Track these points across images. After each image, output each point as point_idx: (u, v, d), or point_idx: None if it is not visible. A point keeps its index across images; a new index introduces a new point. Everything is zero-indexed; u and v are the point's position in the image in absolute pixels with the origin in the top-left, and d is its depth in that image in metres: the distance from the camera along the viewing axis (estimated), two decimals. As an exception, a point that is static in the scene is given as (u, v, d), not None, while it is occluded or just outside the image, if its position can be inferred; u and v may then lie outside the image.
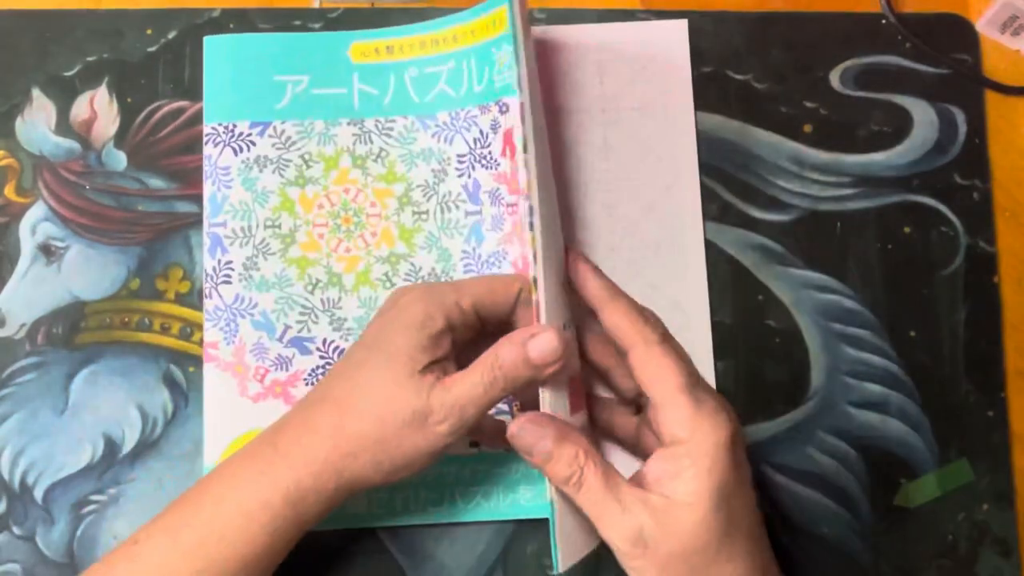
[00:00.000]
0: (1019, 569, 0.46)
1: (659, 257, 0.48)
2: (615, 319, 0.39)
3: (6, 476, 0.45)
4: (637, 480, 0.37)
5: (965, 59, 0.50)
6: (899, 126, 0.50)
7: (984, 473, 0.47)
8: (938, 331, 0.48)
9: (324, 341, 0.46)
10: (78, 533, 0.44)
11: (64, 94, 0.48)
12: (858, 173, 0.49)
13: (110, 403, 0.45)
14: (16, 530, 0.44)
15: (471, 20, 0.45)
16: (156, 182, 0.47)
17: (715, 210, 0.48)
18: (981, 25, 0.51)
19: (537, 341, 0.37)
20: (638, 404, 0.43)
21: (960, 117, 0.50)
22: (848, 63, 0.50)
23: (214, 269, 0.46)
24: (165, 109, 0.48)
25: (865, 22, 0.50)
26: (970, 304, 0.48)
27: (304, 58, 0.47)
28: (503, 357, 0.37)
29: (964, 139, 0.50)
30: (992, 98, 0.50)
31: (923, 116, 0.50)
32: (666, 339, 0.39)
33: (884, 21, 0.50)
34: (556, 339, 0.37)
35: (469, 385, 0.37)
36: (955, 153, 0.50)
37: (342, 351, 0.46)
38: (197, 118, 0.48)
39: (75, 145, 0.48)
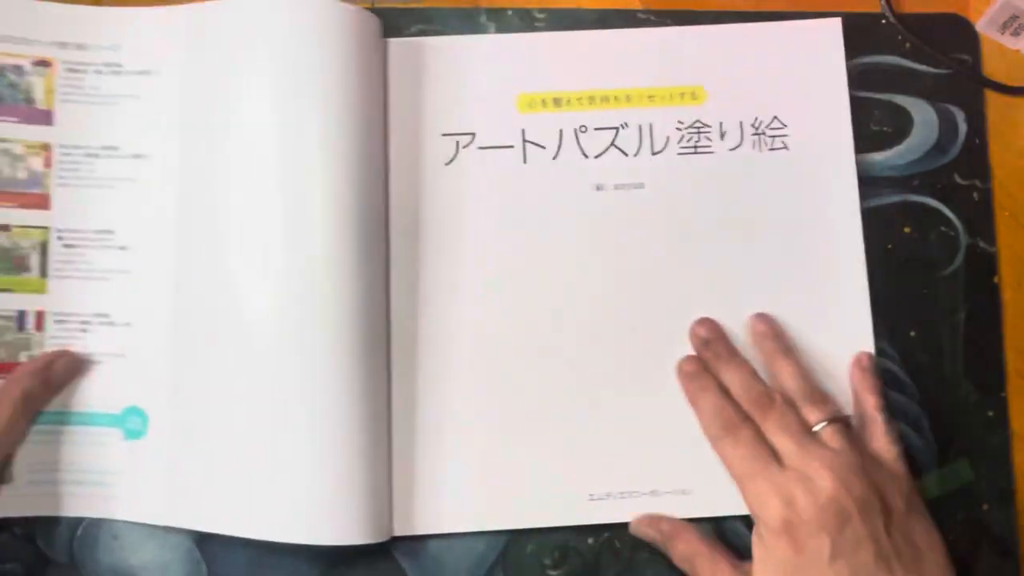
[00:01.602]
0: (1019, 569, 0.46)
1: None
2: None
3: (6, 476, 0.45)
4: None
5: (965, 59, 0.50)
6: (899, 126, 0.50)
7: (984, 473, 0.47)
8: (938, 331, 0.48)
9: None
10: (79, 533, 0.44)
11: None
12: (858, 173, 0.49)
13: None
14: (16, 530, 0.44)
15: None
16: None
17: (715, 210, 0.48)
18: (981, 25, 0.50)
19: None
20: None
21: (960, 117, 0.50)
22: (848, 63, 0.50)
23: None
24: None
25: (865, 22, 0.50)
26: (970, 304, 0.48)
27: None
28: None
29: (964, 139, 0.50)
30: (992, 98, 0.50)
31: (923, 116, 0.50)
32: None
33: (884, 21, 0.50)
34: None
35: None
36: (955, 153, 0.49)
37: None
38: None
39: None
